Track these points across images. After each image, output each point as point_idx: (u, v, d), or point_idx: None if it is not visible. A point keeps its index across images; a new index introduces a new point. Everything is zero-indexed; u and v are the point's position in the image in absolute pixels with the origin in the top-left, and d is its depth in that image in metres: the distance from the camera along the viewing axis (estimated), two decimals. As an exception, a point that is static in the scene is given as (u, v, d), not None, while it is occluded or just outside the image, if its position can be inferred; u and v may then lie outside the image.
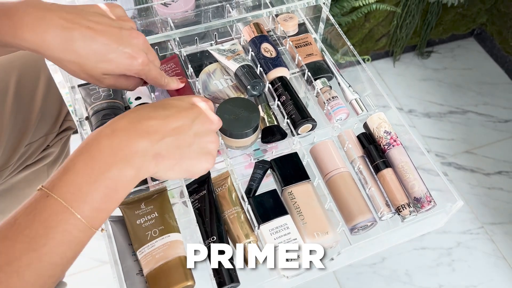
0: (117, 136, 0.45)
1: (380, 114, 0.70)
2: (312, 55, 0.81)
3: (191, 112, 0.51)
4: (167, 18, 0.78)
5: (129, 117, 0.47)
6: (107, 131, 0.46)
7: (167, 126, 0.48)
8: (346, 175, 0.66)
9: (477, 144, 1.65)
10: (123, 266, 0.58)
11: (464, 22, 1.87)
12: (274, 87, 0.73)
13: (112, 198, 0.45)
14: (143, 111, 0.49)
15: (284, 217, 0.62)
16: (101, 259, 1.32)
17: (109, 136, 0.45)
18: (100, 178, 0.44)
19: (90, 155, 0.44)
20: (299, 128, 0.69)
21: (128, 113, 0.48)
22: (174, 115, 0.49)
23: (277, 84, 0.73)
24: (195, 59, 0.81)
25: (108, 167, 0.44)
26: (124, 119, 0.47)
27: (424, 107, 1.74)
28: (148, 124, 0.47)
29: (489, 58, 1.91)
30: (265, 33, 0.79)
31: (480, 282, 1.36)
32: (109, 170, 0.44)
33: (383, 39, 1.76)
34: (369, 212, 0.64)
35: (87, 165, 0.44)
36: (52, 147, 0.91)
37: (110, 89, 0.70)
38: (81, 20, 0.53)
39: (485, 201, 1.52)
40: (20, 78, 0.81)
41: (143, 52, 0.56)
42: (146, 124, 0.47)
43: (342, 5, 1.45)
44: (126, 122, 0.47)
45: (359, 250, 0.62)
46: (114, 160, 0.44)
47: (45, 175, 0.94)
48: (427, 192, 0.65)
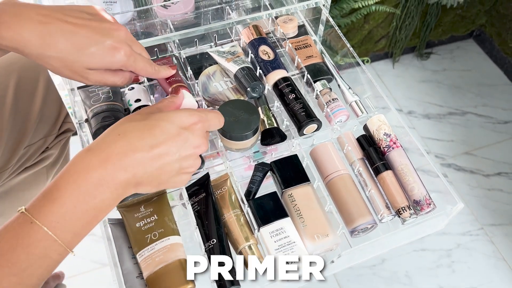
0: (105, 169, 0.46)
1: (380, 116, 0.70)
2: (311, 57, 0.81)
3: (179, 139, 0.50)
4: (167, 20, 0.78)
5: (116, 147, 0.48)
6: (95, 162, 0.47)
7: (152, 158, 0.48)
8: (346, 177, 0.66)
9: (476, 146, 1.65)
10: (123, 269, 0.58)
11: (463, 24, 1.87)
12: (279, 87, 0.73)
13: (92, 224, 0.48)
14: (131, 139, 0.48)
15: (284, 219, 0.61)
16: (100, 261, 1.32)
17: (96, 168, 0.46)
18: (84, 208, 0.46)
19: (77, 184, 0.46)
20: (305, 128, 0.69)
21: (116, 141, 0.48)
22: (160, 145, 0.49)
23: (282, 84, 0.73)
24: (194, 61, 0.81)
25: (93, 197, 0.46)
26: (112, 150, 0.47)
27: (423, 108, 1.74)
28: (134, 158, 0.47)
29: (488, 59, 1.91)
30: (263, 35, 0.79)
31: (480, 283, 1.35)
32: (93, 200, 0.46)
33: (383, 40, 1.76)
34: (369, 214, 0.64)
35: (73, 195, 0.45)
36: (51, 149, 0.91)
37: (109, 91, 0.70)
38: (59, 15, 0.52)
39: (484, 202, 1.52)
40: (19, 80, 0.81)
41: (125, 43, 0.55)
42: (132, 157, 0.47)
43: (342, 7, 1.46)
44: (114, 153, 0.47)
45: (360, 252, 0.62)
46: (99, 191, 0.46)
47: (44, 177, 0.94)
48: (427, 194, 0.65)
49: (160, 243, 0.57)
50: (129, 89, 0.72)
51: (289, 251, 0.59)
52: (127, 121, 0.51)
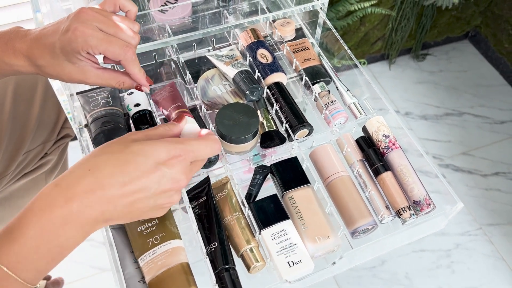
0: (70, 207, 0.44)
1: (378, 117, 0.71)
2: (309, 60, 0.81)
3: (153, 176, 0.47)
4: (165, 25, 0.78)
5: (84, 184, 0.45)
6: (60, 199, 0.44)
7: (122, 196, 0.46)
8: (346, 178, 0.66)
9: (474, 146, 1.66)
10: (124, 274, 0.57)
11: (459, 25, 1.88)
12: (271, 93, 0.73)
13: (56, 261, 0.45)
14: (100, 175, 0.45)
15: (285, 221, 0.62)
16: (100, 266, 1.31)
17: (62, 207, 0.44)
18: (47, 247, 0.44)
19: (40, 224, 0.43)
20: (296, 133, 0.70)
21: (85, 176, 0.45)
22: (133, 182, 0.46)
23: (273, 90, 0.73)
24: (193, 65, 0.81)
25: (57, 236, 0.44)
26: (79, 187, 0.44)
27: (420, 109, 1.75)
28: (102, 195, 0.45)
29: (484, 60, 1.92)
30: (261, 38, 0.79)
31: (479, 283, 1.36)
32: (57, 238, 0.44)
33: (379, 42, 1.77)
34: (369, 215, 0.64)
35: (36, 234, 0.43)
36: (50, 154, 0.90)
37: (109, 96, 0.70)
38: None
39: (483, 202, 1.52)
40: (17, 87, 0.81)
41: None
42: (100, 195, 0.45)
43: (338, 9, 1.46)
44: (80, 191, 0.44)
45: (361, 253, 0.62)
46: (64, 230, 0.44)
47: (43, 183, 0.94)
48: (426, 195, 0.65)
49: (162, 247, 0.57)
50: (128, 94, 0.72)
51: (291, 253, 0.59)
52: (102, 152, 0.47)
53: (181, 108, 0.69)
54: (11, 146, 0.81)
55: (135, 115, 0.70)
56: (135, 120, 0.70)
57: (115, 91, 0.72)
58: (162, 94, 0.73)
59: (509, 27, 1.76)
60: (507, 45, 1.79)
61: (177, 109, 0.69)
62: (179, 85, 0.80)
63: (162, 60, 0.80)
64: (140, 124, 0.69)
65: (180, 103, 0.71)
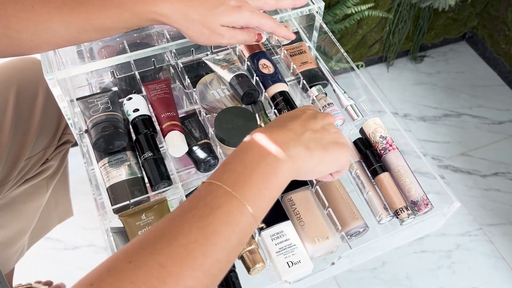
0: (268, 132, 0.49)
1: (375, 119, 0.71)
2: (306, 63, 0.82)
3: (308, 115, 0.54)
4: (163, 30, 0.79)
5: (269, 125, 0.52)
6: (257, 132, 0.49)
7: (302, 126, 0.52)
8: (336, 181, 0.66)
9: (472, 146, 1.67)
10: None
11: (456, 26, 1.89)
12: (275, 102, 0.74)
13: (271, 182, 0.46)
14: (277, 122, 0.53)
15: (284, 223, 0.62)
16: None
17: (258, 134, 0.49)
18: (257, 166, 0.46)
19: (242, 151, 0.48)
20: None
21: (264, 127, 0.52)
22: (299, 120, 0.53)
23: (278, 98, 0.74)
24: (191, 70, 0.82)
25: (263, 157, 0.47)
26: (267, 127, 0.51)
27: (419, 111, 1.76)
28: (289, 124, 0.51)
29: (481, 61, 1.93)
30: (263, 48, 0.79)
31: (480, 283, 1.36)
32: (265, 159, 0.47)
33: (376, 45, 1.78)
34: (360, 218, 0.64)
35: (242, 160, 0.47)
36: (51, 160, 0.91)
37: (108, 101, 0.71)
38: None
39: (482, 202, 1.53)
40: (18, 94, 0.82)
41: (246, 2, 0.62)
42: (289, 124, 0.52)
43: (335, 13, 1.47)
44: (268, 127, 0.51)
45: (360, 254, 0.63)
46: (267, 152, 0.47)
47: (45, 189, 0.94)
48: (424, 195, 0.66)
49: (163, 249, 0.58)
50: (127, 99, 0.73)
51: (290, 254, 0.59)
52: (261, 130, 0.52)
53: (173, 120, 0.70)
54: (13, 153, 0.81)
55: (134, 120, 0.71)
56: (134, 125, 0.70)
57: (115, 96, 0.73)
58: (157, 92, 0.73)
59: (506, 28, 1.77)
60: (504, 45, 1.80)
61: (169, 120, 0.70)
62: (178, 90, 0.81)
63: (161, 66, 0.81)
64: (139, 129, 0.70)
65: (174, 113, 0.71)
